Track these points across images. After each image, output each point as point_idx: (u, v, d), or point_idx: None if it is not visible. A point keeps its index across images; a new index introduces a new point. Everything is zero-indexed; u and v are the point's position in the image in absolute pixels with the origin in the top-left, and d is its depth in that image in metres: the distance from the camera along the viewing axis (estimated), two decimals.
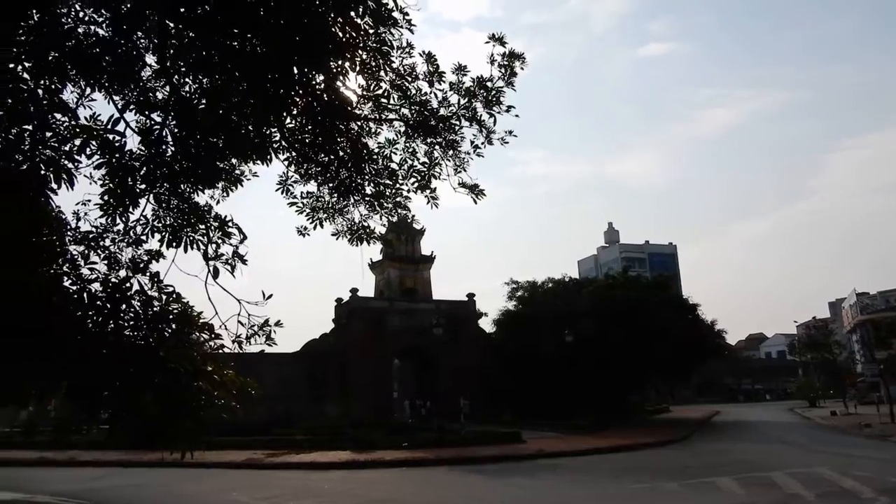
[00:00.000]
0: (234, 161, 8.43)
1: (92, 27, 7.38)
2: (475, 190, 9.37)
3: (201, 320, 7.01)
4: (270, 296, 7.59)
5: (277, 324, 7.76)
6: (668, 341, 37.89)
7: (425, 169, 9.26)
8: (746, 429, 37.06)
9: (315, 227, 9.48)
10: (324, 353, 43.31)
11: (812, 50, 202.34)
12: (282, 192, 9.32)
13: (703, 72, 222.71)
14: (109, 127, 7.00)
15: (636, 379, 43.29)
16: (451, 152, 9.18)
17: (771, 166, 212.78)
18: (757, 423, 41.23)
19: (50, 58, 6.98)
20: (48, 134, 6.77)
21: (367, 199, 9.32)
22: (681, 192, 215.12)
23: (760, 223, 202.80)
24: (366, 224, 9.64)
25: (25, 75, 6.84)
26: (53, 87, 7.06)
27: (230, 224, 8.05)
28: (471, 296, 50.24)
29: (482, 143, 9.10)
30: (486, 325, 48.71)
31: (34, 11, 6.85)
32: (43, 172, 6.68)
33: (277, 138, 8.23)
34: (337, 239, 9.59)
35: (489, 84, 8.85)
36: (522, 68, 8.80)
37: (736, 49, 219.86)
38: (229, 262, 8.02)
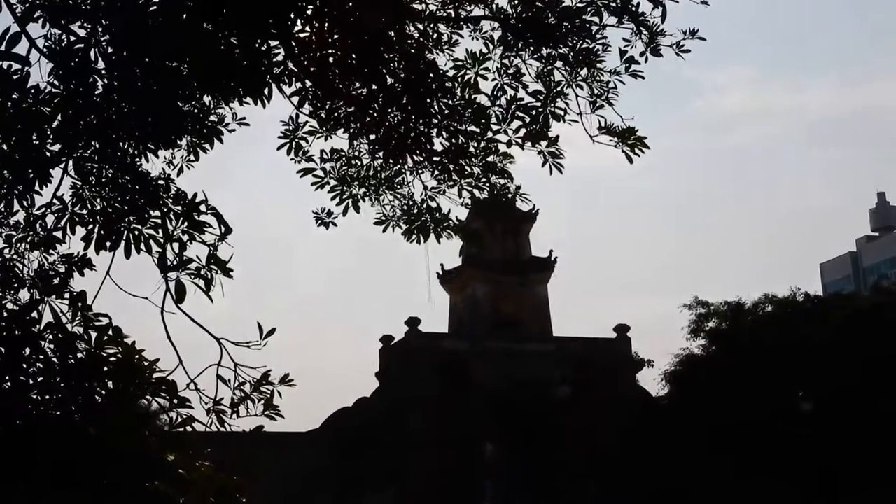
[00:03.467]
0: (207, 100, 7.89)
1: None
2: (630, 138, 8.50)
3: (156, 374, 6.47)
4: (272, 331, 7.13)
5: (285, 380, 7.28)
6: None
7: (538, 104, 8.50)
8: None
9: (345, 211, 9.24)
10: (362, 431, 41.91)
11: None
12: (288, 151, 8.95)
13: None
14: (2, 49, 6.21)
15: None
16: (584, 73, 8.51)
17: None
18: None
19: None
20: None
21: (435, 159, 8.83)
22: None
23: None
24: (434, 204, 9.33)
25: None
26: None
27: (203, 208, 7.19)
28: (622, 330, 48.56)
29: (641, 56, 8.38)
30: (650, 378, 45.21)
31: None
32: None
33: (281, 57, 7.68)
34: (384, 230, 9.40)
35: None
36: None
37: None
38: (202, 273, 7.17)
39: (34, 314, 6.68)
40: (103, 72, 6.99)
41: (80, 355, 6.53)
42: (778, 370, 36.94)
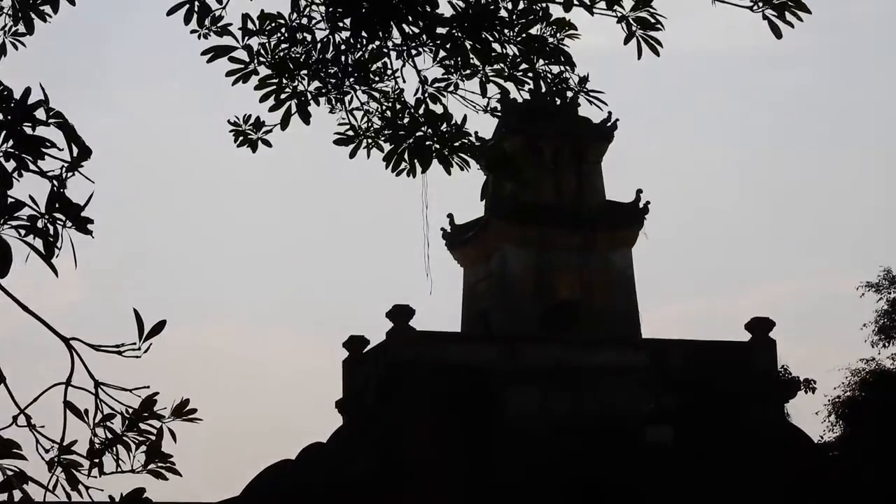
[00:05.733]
0: None
1: None
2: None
3: None
4: (159, 327, 6.45)
5: (182, 411, 6.59)
6: None
7: None
8: None
9: (285, 121, 8.73)
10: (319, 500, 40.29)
11: None
12: (188, 17, 8.37)
13: None
14: None
15: None
16: None
17: None
18: None
19: None
20: None
21: (440, 31, 8.52)
22: None
23: None
24: (438, 108, 8.94)
25: None
26: None
27: (42, 115, 6.54)
28: (760, 327, 43.11)
29: None
30: (809, 410, 44.05)
31: None
32: None
33: None
34: (352, 154, 8.95)
35: None
36: None
37: None
38: (40, 227, 6.47)
39: None
40: None
41: None
42: None
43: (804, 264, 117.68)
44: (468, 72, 8.84)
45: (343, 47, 8.90)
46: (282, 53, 8.83)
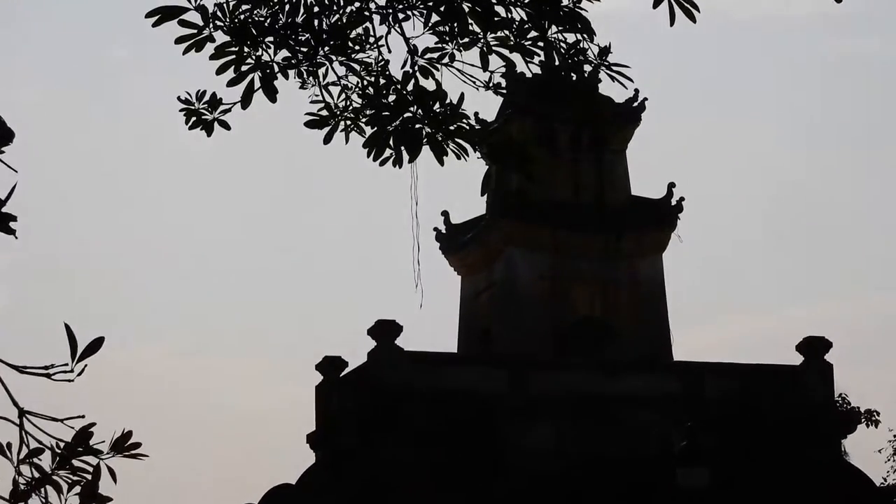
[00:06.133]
0: None
1: None
2: None
3: None
4: (96, 345, 6.40)
5: (123, 445, 6.53)
6: None
7: None
8: None
9: (247, 99, 8.72)
10: None
11: None
12: None
13: None
14: None
15: None
16: None
17: None
18: None
19: None
20: None
21: (430, 2, 8.76)
22: None
23: None
24: (429, 83, 8.95)
25: None
26: None
27: None
28: (814, 349, 43.64)
29: None
30: (870, 447, 45.04)
31: None
32: None
33: None
34: (326, 138, 8.90)
35: None
36: None
37: None
38: None
39: None
40: None
41: None
42: None
43: (866, 276, 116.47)
44: (466, 40, 8.77)
45: (316, 9, 8.82)
46: (243, 16, 8.74)
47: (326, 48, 8.75)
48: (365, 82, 8.82)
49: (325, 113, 8.86)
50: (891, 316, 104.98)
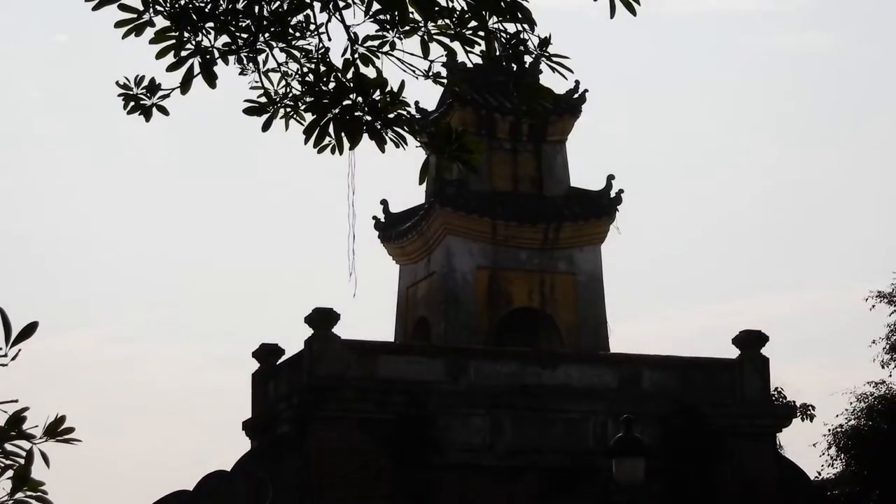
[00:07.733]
0: None
1: None
2: None
3: None
4: (29, 330, 6.39)
5: (56, 431, 6.54)
6: None
7: None
8: None
9: (186, 84, 8.69)
10: None
11: None
12: None
13: None
14: None
15: None
16: None
17: None
18: None
19: None
20: None
21: None
22: None
23: None
24: (370, 71, 8.94)
25: None
26: None
27: None
28: (751, 342, 44.71)
29: None
30: (805, 441, 43.73)
31: None
32: None
33: None
34: (265, 125, 8.93)
35: None
36: None
37: None
38: None
39: None
40: None
41: None
42: None
43: (805, 271, 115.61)
44: (407, 28, 8.81)
45: None
46: (183, 1, 8.73)
47: (267, 34, 8.68)
48: (305, 69, 8.80)
49: (264, 100, 8.78)
50: (828, 311, 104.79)
